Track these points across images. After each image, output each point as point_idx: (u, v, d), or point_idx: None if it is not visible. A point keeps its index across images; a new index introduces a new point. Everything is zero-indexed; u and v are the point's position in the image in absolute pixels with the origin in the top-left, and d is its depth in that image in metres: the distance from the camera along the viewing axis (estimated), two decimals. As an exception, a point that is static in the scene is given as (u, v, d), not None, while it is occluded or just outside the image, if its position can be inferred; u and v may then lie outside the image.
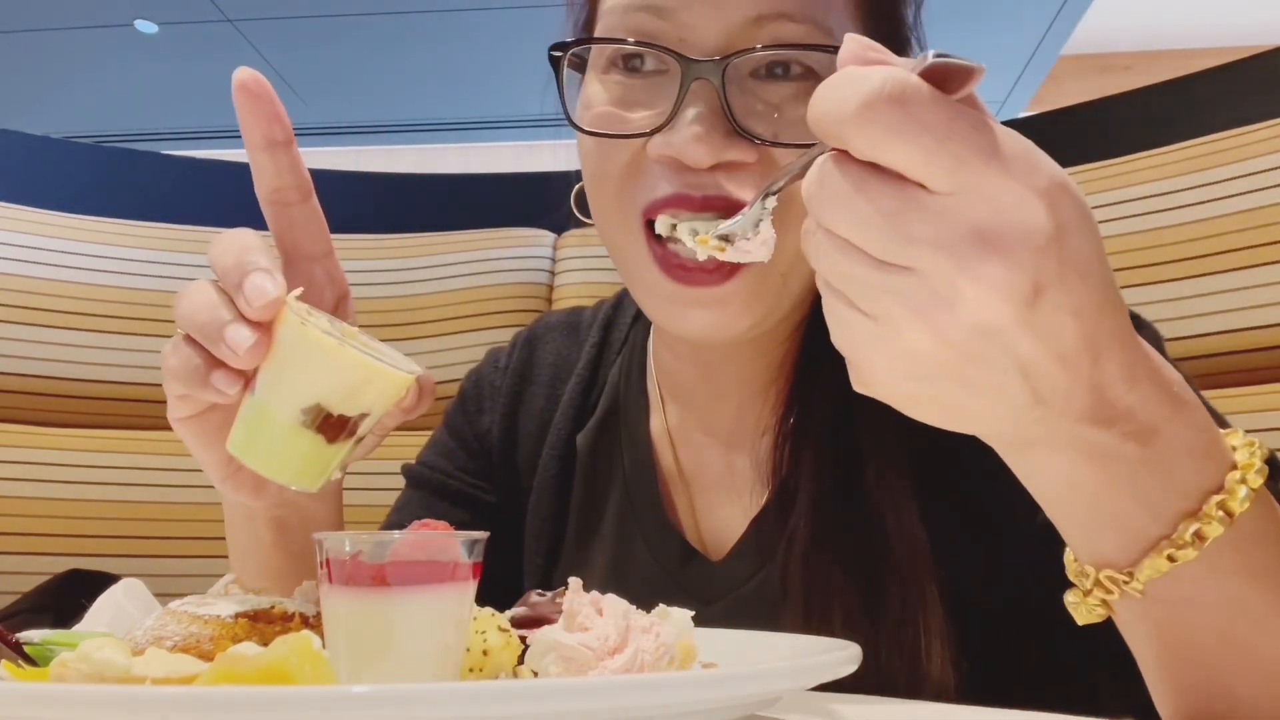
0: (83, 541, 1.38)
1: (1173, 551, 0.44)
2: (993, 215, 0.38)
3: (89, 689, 0.35)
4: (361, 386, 0.51)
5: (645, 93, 0.65)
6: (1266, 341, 1.09)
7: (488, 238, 1.62)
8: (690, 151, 0.61)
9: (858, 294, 0.40)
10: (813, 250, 0.42)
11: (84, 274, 1.50)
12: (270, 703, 0.31)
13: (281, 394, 0.51)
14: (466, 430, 0.89)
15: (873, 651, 0.60)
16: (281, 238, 0.62)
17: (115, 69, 4.81)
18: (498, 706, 0.32)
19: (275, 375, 0.51)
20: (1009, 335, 0.39)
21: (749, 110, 0.62)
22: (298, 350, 0.50)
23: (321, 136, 5.50)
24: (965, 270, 0.38)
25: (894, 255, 0.39)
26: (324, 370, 0.50)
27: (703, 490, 0.78)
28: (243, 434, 0.52)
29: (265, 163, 0.59)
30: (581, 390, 0.85)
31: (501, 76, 4.81)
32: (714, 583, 0.74)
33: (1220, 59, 1.32)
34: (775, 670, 0.41)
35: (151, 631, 0.46)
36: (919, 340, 0.39)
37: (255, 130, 0.59)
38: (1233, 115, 1.20)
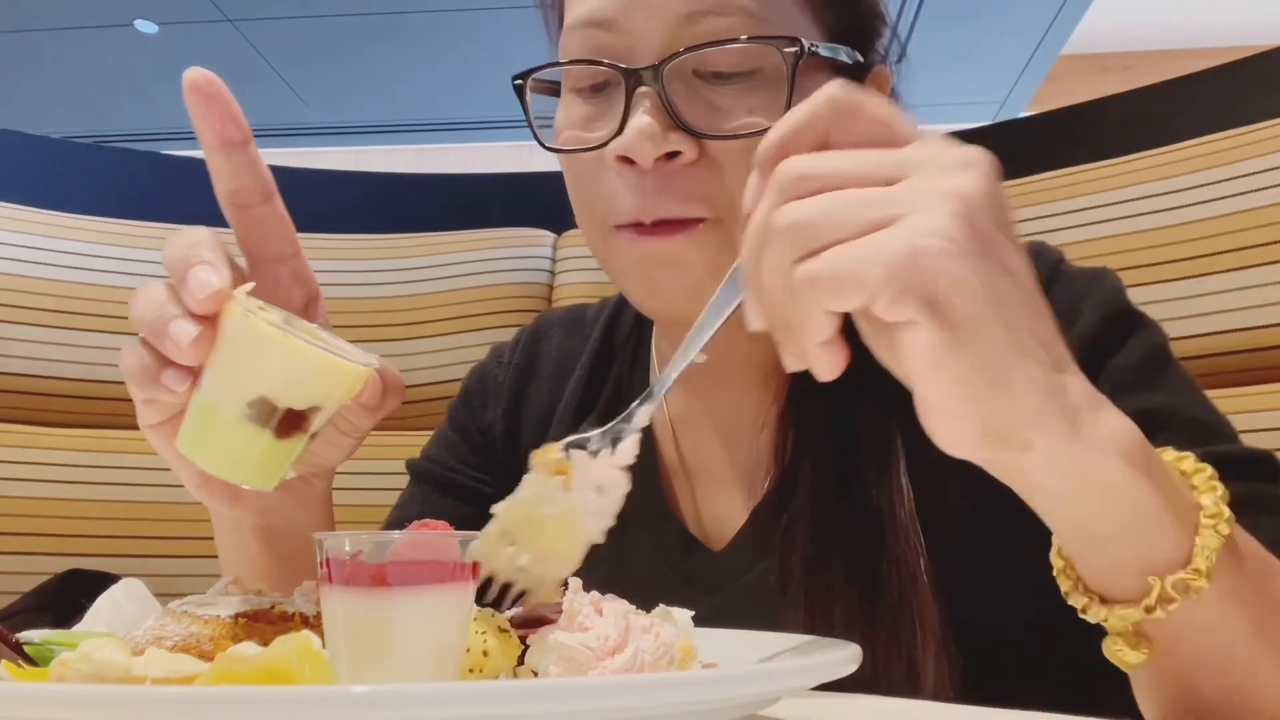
0: (83, 541, 1.38)
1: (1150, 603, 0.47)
2: (954, 148, 0.45)
3: (89, 689, 0.35)
4: (310, 379, 0.49)
5: (603, 108, 0.67)
6: (1266, 341, 1.09)
7: (488, 238, 1.62)
8: (635, 148, 0.63)
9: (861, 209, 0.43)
10: (799, 209, 0.44)
11: (84, 274, 1.50)
12: (270, 703, 0.31)
13: (228, 388, 0.50)
14: (470, 425, 0.90)
15: (870, 645, 0.60)
16: (245, 240, 0.61)
17: (115, 69, 4.81)
18: (498, 706, 0.32)
19: (221, 370, 0.50)
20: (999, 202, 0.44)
21: (690, 107, 0.64)
22: (242, 342, 0.49)
23: (321, 136, 5.51)
24: (951, 167, 0.44)
25: (891, 171, 0.43)
26: (268, 362, 0.49)
27: (704, 481, 0.78)
28: (191, 432, 0.52)
29: (222, 164, 0.59)
30: (585, 384, 0.85)
31: (501, 76, 4.76)
32: (715, 573, 0.74)
33: (1220, 59, 1.32)
34: (775, 670, 0.41)
35: (151, 631, 0.46)
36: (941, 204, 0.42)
37: (209, 131, 0.57)
38: (1233, 115, 1.20)
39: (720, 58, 0.64)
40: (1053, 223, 1.24)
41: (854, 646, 0.45)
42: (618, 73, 0.65)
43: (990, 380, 0.42)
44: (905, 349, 0.42)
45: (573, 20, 0.67)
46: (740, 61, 0.64)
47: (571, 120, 0.69)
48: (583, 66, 0.68)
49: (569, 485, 0.51)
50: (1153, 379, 0.65)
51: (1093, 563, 0.49)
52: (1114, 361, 0.66)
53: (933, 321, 0.41)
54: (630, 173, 0.65)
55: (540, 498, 0.50)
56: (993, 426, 0.43)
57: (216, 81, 0.57)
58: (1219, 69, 1.30)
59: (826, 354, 0.44)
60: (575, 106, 0.69)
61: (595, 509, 0.51)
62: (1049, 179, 1.28)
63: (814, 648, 0.50)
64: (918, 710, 0.56)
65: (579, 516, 0.51)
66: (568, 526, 0.51)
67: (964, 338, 0.41)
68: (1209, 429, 0.63)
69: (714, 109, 0.65)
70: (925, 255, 0.40)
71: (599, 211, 0.68)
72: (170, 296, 0.52)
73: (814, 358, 0.45)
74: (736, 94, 0.65)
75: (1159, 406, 0.63)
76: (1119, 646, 0.49)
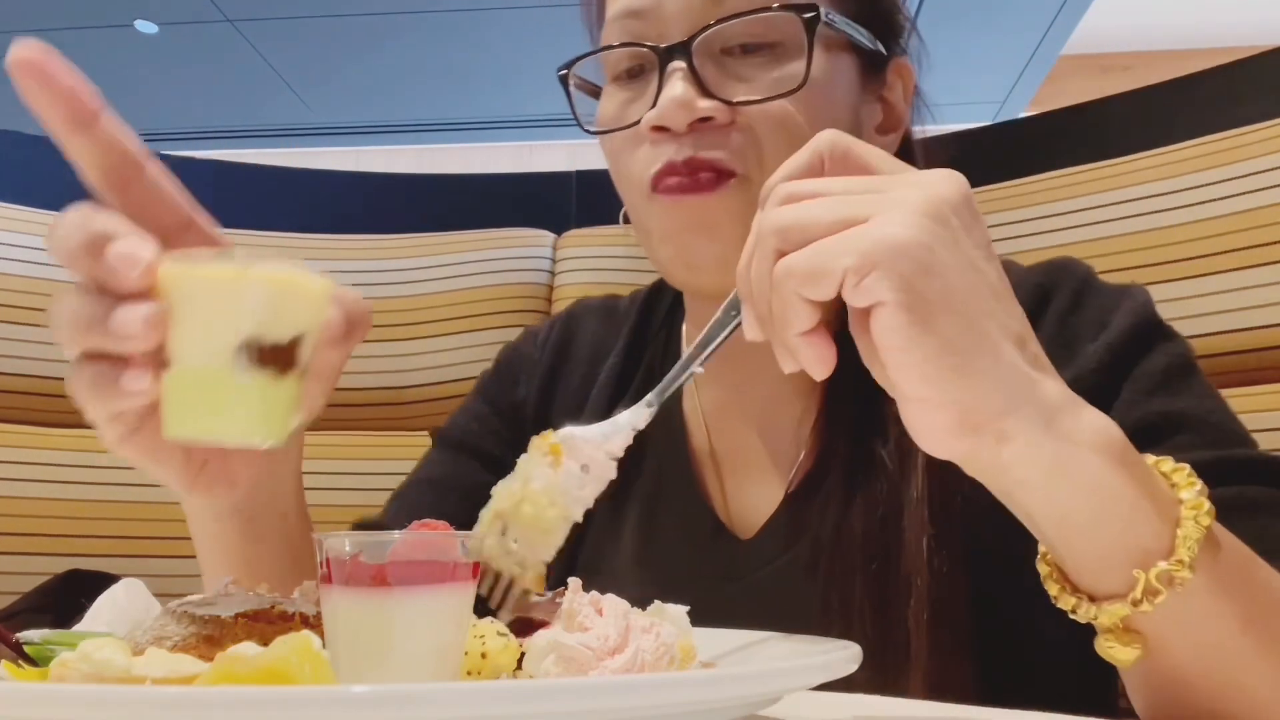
0: (83, 541, 1.38)
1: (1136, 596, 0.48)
2: (933, 171, 0.49)
3: (89, 689, 0.35)
4: (284, 303, 0.46)
5: (640, 90, 0.73)
6: (1266, 341, 1.09)
7: (488, 238, 1.62)
8: (669, 115, 0.68)
9: (837, 208, 0.46)
10: (799, 211, 0.47)
11: (84, 274, 1.50)
12: (270, 703, 0.31)
13: (207, 347, 0.45)
14: (501, 399, 0.91)
15: (880, 626, 0.62)
16: (136, 220, 0.51)
17: (115, 69, 4.81)
18: (497, 706, 0.32)
19: (190, 333, 0.46)
20: (969, 209, 0.47)
21: (719, 78, 0.70)
22: (202, 295, 0.45)
23: (321, 136, 5.51)
24: (925, 180, 0.47)
25: (871, 185, 0.47)
26: (242, 300, 0.45)
27: (733, 471, 0.80)
28: (181, 411, 0.47)
29: (82, 146, 0.50)
30: (618, 371, 0.87)
31: (501, 76, 4.81)
32: (740, 561, 0.75)
33: (1220, 59, 1.32)
34: (775, 670, 0.41)
35: (151, 631, 0.46)
36: (910, 204, 0.45)
37: (56, 112, 0.49)
38: (1233, 115, 1.20)
39: (744, 30, 0.70)
40: (1053, 223, 1.24)
41: (854, 646, 0.45)
42: (651, 54, 0.70)
43: (956, 363, 0.44)
44: (878, 334, 0.45)
45: (612, 14, 0.74)
46: (763, 33, 0.70)
47: (612, 106, 0.75)
48: (620, 54, 0.74)
49: (557, 464, 0.53)
50: (1176, 385, 0.66)
51: (1077, 560, 0.50)
52: (1140, 368, 0.67)
53: (899, 303, 0.43)
54: (665, 139, 0.70)
55: (529, 475, 0.53)
56: (966, 412, 0.45)
57: (50, 54, 0.48)
58: (1219, 69, 1.30)
59: (810, 345, 0.47)
60: (615, 95, 0.75)
61: (578, 484, 0.53)
62: (1049, 179, 1.28)
63: (814, 648, 0.50)
64: (919, 710, 0.56)
65: (562, 491, 0.53)
66: (551, 500, 0.52)
67: (930, 319, 0.44)
68: (1228, 434, 0.64)
69: (741, 79, 0.70)
70: (893, 240, 0.44)
71: (637, 179, 0.73)
72: (91, 292, 0.46)
73: (799, 349, 0.47)
74: (762, 65, 0.70)
75: (1180, 410, 0.64)
76: (1110, 644, 0.49)
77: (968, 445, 0.46)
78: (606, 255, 1.56)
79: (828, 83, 0.72)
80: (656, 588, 0.54)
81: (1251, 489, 0.60)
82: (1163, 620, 0.48)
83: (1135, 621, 0.48)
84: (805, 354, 0.47)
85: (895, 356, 0.45)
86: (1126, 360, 0.67)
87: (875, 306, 0.44)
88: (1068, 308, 0.71)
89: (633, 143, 0.73)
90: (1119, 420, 0.64)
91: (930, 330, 0.44)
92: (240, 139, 5.43)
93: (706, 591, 0.74)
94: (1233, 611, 0.48)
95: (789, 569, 0.73)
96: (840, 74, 0.74)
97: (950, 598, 0.65)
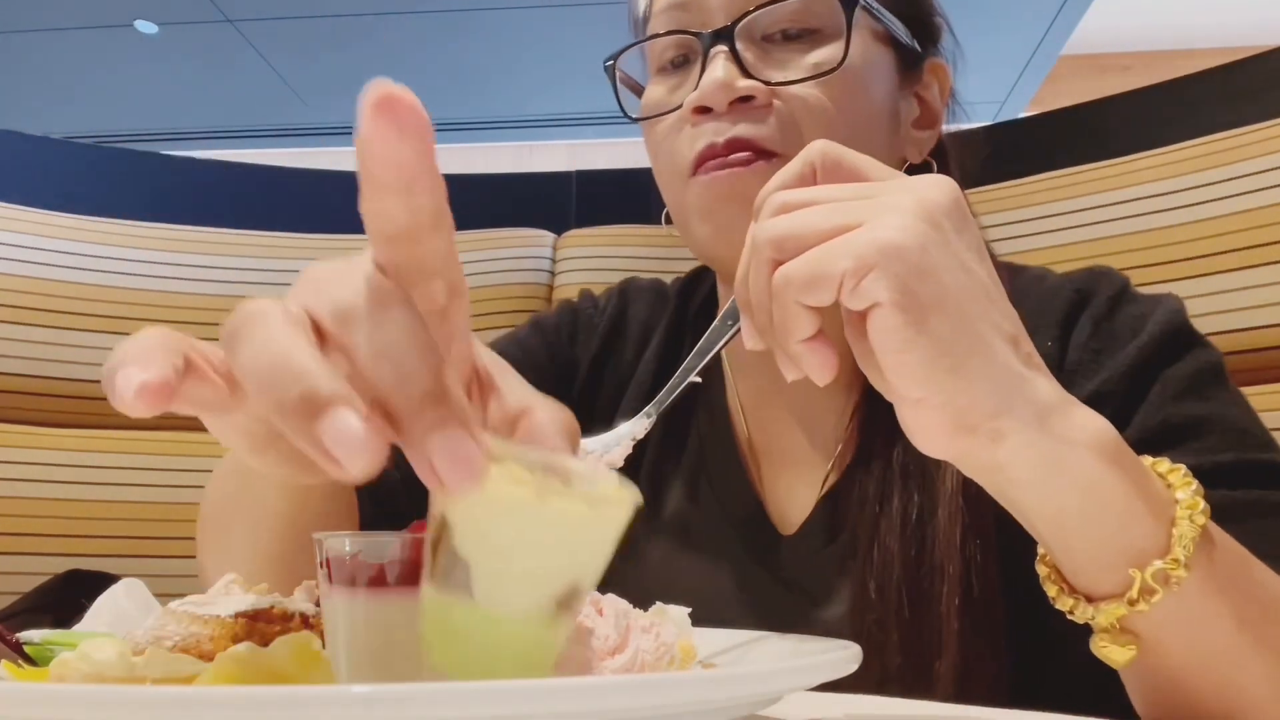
0: (83, 541, 1.38)
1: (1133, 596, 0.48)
2: (921, 178, 0.49)
3: (89, 689, 0.35)
4: (614, 538, 0.37)
5: (684, 77, 0.76)
6: (1266, 341, 1.09)
7: (488, 238, 1.62)
8: (710, 95, 0.70)
9: (831, 216, 0.46)
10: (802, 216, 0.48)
11: (84, 274, 1.50)
12: (270, 703, 0.31)
13: (520, 589, 0.36)
14: (558, 346, 0.90)
15: (915, 619, 0.62)
16: (402, 275, 0.38)
17: (115, 69, 4.81)
18: (498, 707, 0.32)
19: (498, 568, 0.35)
20: (961, 214, 0.47)
21: (759, 62, 0.72)
22: (529, 527, 0.35)
23: (321, 136, 5.50)
24: (914, 185, 0.47)
25: (862, 191, 0.48)
26: (581, 543, 0.36)
27: (771, 463, 0.80)
28: (454, 649, 0.37)
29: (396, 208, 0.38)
30: (659, 356, 0.87)
31: (501, 76, 4.80)
32: (780, 553, 0.76)
33: (1220, 59, 1.32)
34: (775, 670, 0.41)
35: (151, 631, 0.46)
36: (903, 208, 0.45)
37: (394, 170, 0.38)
38: (1233, 115, 1.20)
39: (785, 16, 0.72)
40: (1053, 223, 1.24)
41: (854, 646, 0.45)
42: (696, 41, 0.73)
43: (952, 364, 0.44)
44: (875, 336, 0.45)
45: (658, 7, 0.76)
46: (803, 19, 0.72)
47: (657, 94, 0.77)
48: (665, 44, 0.76)
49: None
50: (1204, 390, 0.67)
51: (1073, 559, 0.50)
52: (1170, 371, 0.67)
53: (894, 304, 0.44)
54: (706, 120, 0.72)
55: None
56: (961, 413, 0.45)
57: (408, 100, 0.38)
58: (1219, 69, 1.30)
59: (812, 352, 0.47)
60: (660, 84, 0.77)
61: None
62: (1049, 179, 1.28)
63: (814, 648, 0.50)
64: (919, 710, 0.56)
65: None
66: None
67: (925, 319, 0.44)
68: (1255, 440, 0.64)
69: (781, 63, 0.72)
70: (887, 244, 0.44)
71: (678, 164, 0.74)
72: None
73: (801, 357, 0.48)
74: (802, 50, 0.72)
75: (1206, 414, 0.64)
76: (1105, 644, 0.49)
77: (963, 445, 0.46)
78: (607, 255, 1.56)
79: (866, 70, 0.73)
80: (696, 568, 0.54)
81: (1274, 494, 0.60)
82: (1159, 620, 0.48)
83: (1131, 622, 0.49)
84: (808, 361, 0.48)
85: (892, 358, 0.45)
86: (1157, 364, 0.68)
87: (872, 309, 0.45)
88: (1104, 314, 0.72)
89: (675, 128, 0.74)
90: (1145, 421, 0.65)
91: (925, 330, 0.44)
92: (240, 139, 5.43)
93: (743, 574, 0.75)
94: (1229, 611, 0.49)
95: (826, 562, 0.73)
96: (878, 64, 0.75)
97: (983, 586, 0.65)
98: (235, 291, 1.51)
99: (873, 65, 0.74)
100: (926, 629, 0.65)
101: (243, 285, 1.52)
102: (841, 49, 0.71)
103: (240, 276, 1.53)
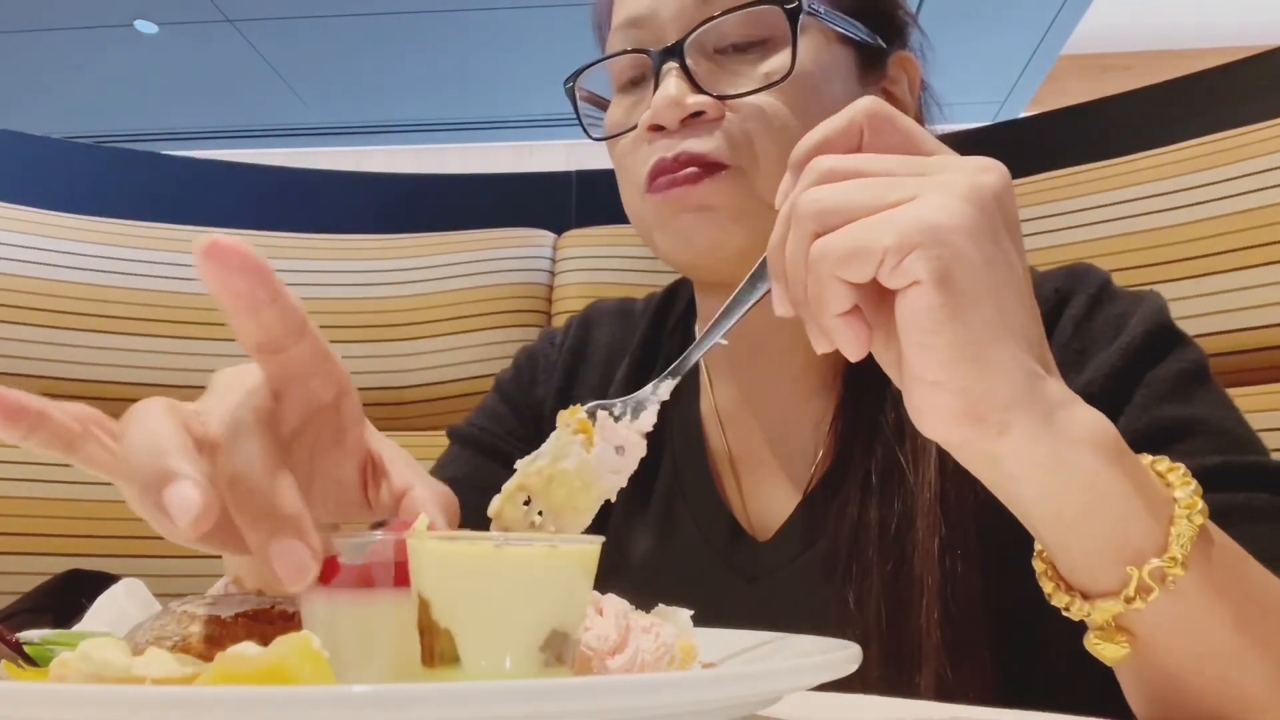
0: (83, 541, 1.38)
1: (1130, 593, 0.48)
2: (974, 158, 0.48)
3: (89, 689, 0.35)
4: (587, 578, 0.39)
5: (641, 96, 0.75)
6: (1266, 341, 1.09)
7: (488, 238, 1.62)
8: (661, 113, 0.71)
9: (879, 192, 0.45)
10: (830, 192, 0.46)
11: (84, 274, 1.50)
12: (270, 703, 0.31)
13: (502, 644, 0.37)
14: (519, 398, 0.92)
15: (894, 624, 0.62)
16: (276, 381, 0.47)
17: (115, 69, 4.81)
18: (498, 707, 0.32)
19: (471, 626, 0.37)
20: (1009, 203, 0.47)
21: (710, 76, 0.72)
22: (494, 577, 0.37)
23: (321, 136, 5.51)
24: (969, 168, 0.47)
25: (914, 167, 0.47)
26: (552, 587, 0.37)
27: (750, 471, 0.80)
28: None
29: (249, 328, 0.45)
30: (634, 371, 0.88)
31: (501, 76, 4.81)
32: (759, 561, 0.76)
33: (1220, 59, 1.32)
34: (775, 670, 0.41)
35: (151, 631, 0.46)
36: (954, 189, 0.45)
37: (235, 298, 0.44)
38: (1233, 115, 1.19)
39: (734, 29, 0.72)
40: (1053, 223, 1.24)
41: (854, 646, 0.45)
42: (648, 58, 0.73)
43: (977, 352, 0.44)
44: (907, 315, 0.44)
45: (614, 25, 0.77)
46: (752, 31, 0.72)
47: (616, 114, 0.78)
48: (622, 63, 0.77)
49: (590, 444, 0.51)
50: (1189, 391, 0.66)
51: (1071, 556, 0.50)
52: (1154, 372, 0.67)
53: (934, 285, 0.43)
54: (660, 137, 0.72)
55: (561, 453, 0.51)
56: (974, 401, 0.45)
57: (226, 246, 0.43)
58: (1219, 69, 1.30)
59: (847, 327, 0.46)
60: (620, 103, 0.78)
61: (613, 467, 0.52)
62: (1049, 179, 1.28)
63: (814, 648, 0.50)
64: (919, 710, 0.56)
65: (596, 471, 0.51)
66: (585, 480, 0.51)
67: (961, 305, 0.43)
68: (1239, 441, 0.64)
69: (733, 75, 0.72)
70: (934, 226, 0.43)
71: (637, 180, 0.75)
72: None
73: (834, 331, 0.47)
74: (753, 60, 0.72)
75: (1192, 416, 0.64)
76: (1098, 642, 0.49)
77: (968, 433, 0.46)
78: (607, 255, 1.56)
79: (820, 73, 0.73)
80: (675, 590, 0.54)
81: (1260, 496, 0.60)
82: (1155, 618, 0.48)
83: (1128, 620, 0.48)
84: (842, 335, 0.47)
85: (919, 338, 0.44)
86: (1140, 365, 0.67)
87: (909, 287, 0.44)
88: (1084, 314, 0.71)
89: (634, 146, 0.75)
90: (1130, 424, 0.64)
91: (959, 317, 0.43)
92: (240, 139, 5.43)
93: (725, 592, 0.74)
94: (1226, 610, 0.49)
95: (806, 569, 0.73)
96: (836, 65, 0.75)
97: (963, 597, 0.65)
98: (235, 291, 1.50)
99: (829, 67, 0.74)
100: (906, 641, 0.65)
101: (243, 285, 1.52)
102: (791, 57, 0.71)
103: (240, 276, 1.53)
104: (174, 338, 1.47)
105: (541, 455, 0.51)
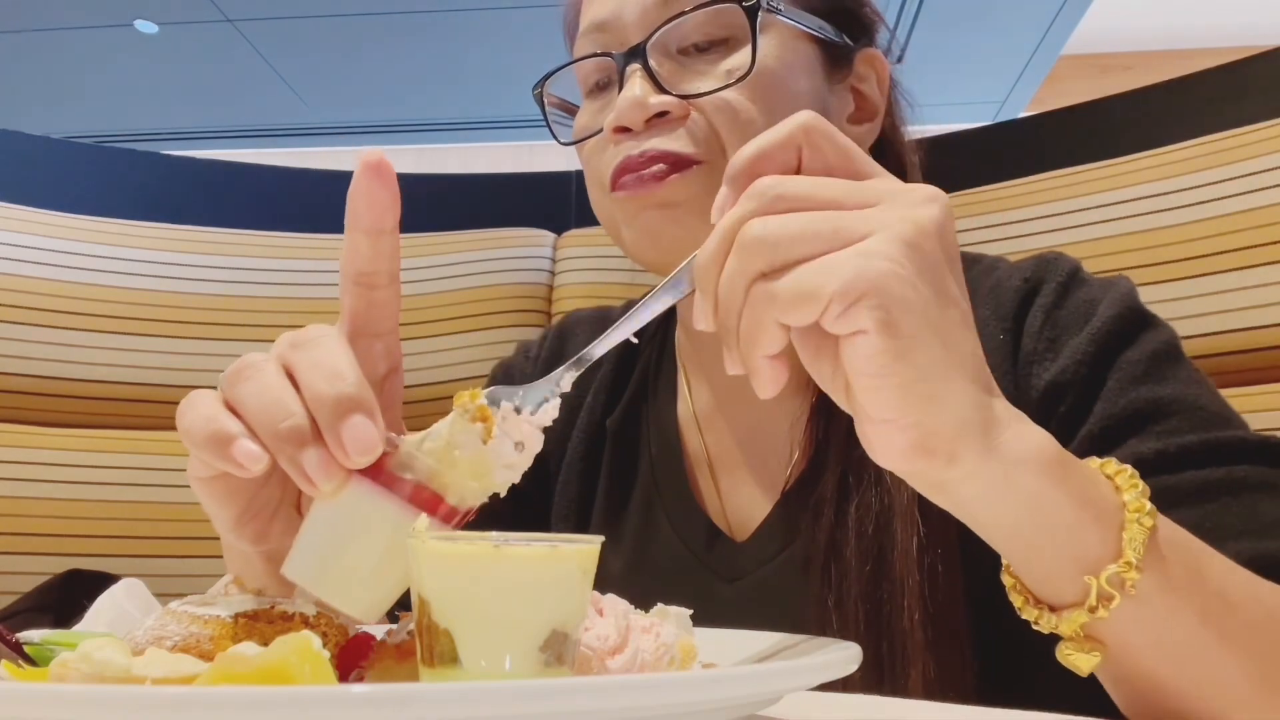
0: (83, 541, 1.38)
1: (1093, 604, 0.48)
2: (917, 186, 0.48)
3: (89, 689, 0.35)
4: (588, 578, 0.40)
5: (608, 99, 0.76)
6: (1266, 341, 1.09)
7: (488, 238, 1.62)
8: (626, 114, 0.71)
9: (825, 231, 0.45)
10: (777, 225, 0.46)
11: (84, 274, 1.50)
12: (270, 703, 0.31)
13: (501, 643, 0.38)
14: None
15: (875, 625, 0.62)
16: (355, 317, 0.53)
17: (115, 69, 4.81)
18: (497, 707, 0.32)
19: (471, 626, 0.38)
20: (948, 238, 0.47)
21: (674, 76, 0.72)
22: (493, 576, 0.37)
23: (321, 136, 5.51)
24: (913, 201, 0.46)
25: (859, 198, 0.47)
26: (557, 588, 0.38)
27: (728, 473, 0.80)
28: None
29: (364, 248, 0.52)
30: (613, 376, 0.88)
31: (501, 76, 4.81)
32: (738, 562, 0.76)
33: (1220, 59, 1.32)
34: (775, 670, 0.41)
35: (151, 631, 0.46)
36: (900, 232, 0.45)
37: (368, 214, 0.52)
38: (1233, 115, 1.19)
39: (696, 29, 0.72)
40: (1053, 223, 1.24)
41: (854, 647, 0.45)
42: (613, 61, 0.73)
43: (927, 391, 0.44)
44: (852, 359, 0.44)
45: (580, 31, 0.77)
46: (714, 30, 0.72)
47: (584, 118, 0.78)
48: (588, 67, 0.77)
49: (488, 435, 0.48)
50: (1163, 371, 0.66)
51: (1032, 571, 0.50)
52: (1126, 355, 0.67)
53: (880, 333, 0.43)
54: (625, 138, 0.72)
55: (455, 441, 0.48)
56: (924, 435, 0.45)
57: (390, 166, 0.52)
58: (1219, 69, 1.30)
59: (770, 369, 0.47)
60: (588, 107, 0.78)
61: (508, 462, 0.49)
62: (1049, 179, 1.28)
63: (814, 648, 0.50)
64: (919, 711, 0.56)
65: (490, 465, 0.48)
66: (475, 472, 0.48)
67: (908, 348, 0.44)
68: (1217, 418, 0.64)
69: (696, 74, 0.72)
70: (880, 274, 0.43)
71: (602, 179, 0.75)
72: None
73: (758, 370, 0.47)
74: (715, 59, 0.73)
75: (1167, 396, 0.64)
76: (1070, 652, 0.50)
77: (919, 465, 0.46)
78: (606, 255, 1.56)
79: (783, 69, 0.73)
80: (655, 593, 0.54)
81: (1240, 469, 0.60)
82: (1121, 625, 0.48)
83: (1095, 629, 0.49)
84: (764, 375, 0.47)
85: (866, 381, 0.45)
86: (1112, 349, 0.67)
87: (853, 334, 0.44)
88: (1053, 302, 0.72)
89: (600, 148, 0.75)
90: (1106, 409, 0.65)
91: (905, 358, 0.44)
92: (240, 139, 5.43)
93: (705, 594, 0.74)
94: (1190, 609, 0.49)
95: (785, 569, 0.73)
96: (799, 62, 0.75)
97: (944, 597, 0.65)
98: (235, 291, 1.51)
99: (792, 64, 0.74)
100: (889, 643, 0.65)
101: (242, 285, 1.52)
102: (752, 54, 0.71)
103: (240, 276, 1.53)
104: (174, 338, 1.47)
105: (434, 436, 0.48)
